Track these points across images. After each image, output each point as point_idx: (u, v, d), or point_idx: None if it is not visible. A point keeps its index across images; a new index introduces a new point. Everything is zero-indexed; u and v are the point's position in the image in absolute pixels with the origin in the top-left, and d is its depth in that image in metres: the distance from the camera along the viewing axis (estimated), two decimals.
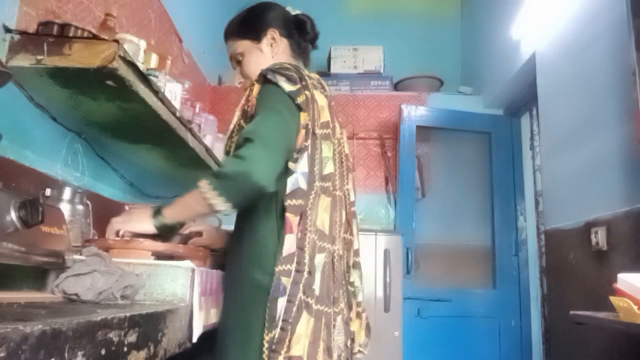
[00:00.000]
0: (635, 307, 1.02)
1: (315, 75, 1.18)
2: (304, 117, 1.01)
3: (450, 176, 3.26)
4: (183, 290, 0.97)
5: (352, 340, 1.12)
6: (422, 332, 2.75)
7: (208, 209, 0.97)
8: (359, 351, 1.14)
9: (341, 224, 1.09)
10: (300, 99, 1.01)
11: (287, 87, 1.01)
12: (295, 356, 0.87)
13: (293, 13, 1.28)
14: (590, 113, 1.79)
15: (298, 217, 0.96)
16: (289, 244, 0.94)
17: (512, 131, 3.11)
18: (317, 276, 0.95)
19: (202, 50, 3.07)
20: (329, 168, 1.05)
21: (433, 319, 2.80)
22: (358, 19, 3.83)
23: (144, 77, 1.31)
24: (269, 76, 1.03)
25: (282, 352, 0.87)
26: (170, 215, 1.04)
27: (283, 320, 0.89)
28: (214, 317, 1.11)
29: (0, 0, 1.23)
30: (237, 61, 1.28)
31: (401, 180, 2.99)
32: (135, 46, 1.49)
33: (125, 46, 1.26)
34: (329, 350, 0.94)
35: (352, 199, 1.21)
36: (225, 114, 3.35)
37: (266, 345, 0.88)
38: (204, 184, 0.96)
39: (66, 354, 0.53)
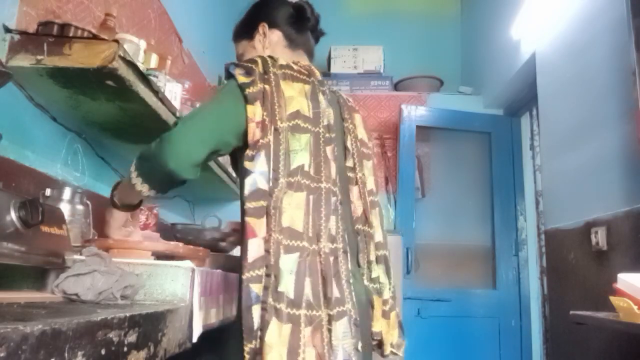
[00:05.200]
0: (635, 307, 1.02)
1: (303, 64, 1.13)
2: (251, 110, 0.97)
3: (450, 176, 3.26)
4: (183, 290, 0.97)
5: (380, 342, 1.05)
6: (422, 332, 2.75)
7: (138, 194, 1.02)
8: (392, 352, 1.07)
9: (328, 218, 0.97)
10: (250, 90, 0.98)
11: (241, 79, 1.00)
12: None
13: (293, 1, 1.24)
14: (590, 113, 1.79)
15: (262, 219, 0.92)
16: (254, 249, 0.90)
17: (512, 131, 3.11)
18: (289, 278, 0.87)
19: (202, 50, 3.06)
20: (298, 161, 0.97)
21: (433, 319, 2.80)
22: (358, 19, 3.83)
23: (144, 77, 1.31)
24: (230, 69, 1.03)
25: None
26: (120, 203, 1.10)
27: (260, 330, 0.85)
28: (214, 317, 1.11)
29: (0, 1, 1.23)
30: None
31: (401, 180, 2.99)
32: (135, 46, 1.49)
33: (125, 46, 1.26)
34: (321, 357, 0.86)
35: (369, 187, 1.14)
36: None
37: (247, 357, 0.86)
38: (133, 168, 1.01)
39: (66, 354, 0.53)
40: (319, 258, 0.93)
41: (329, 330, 0.88)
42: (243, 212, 0.95)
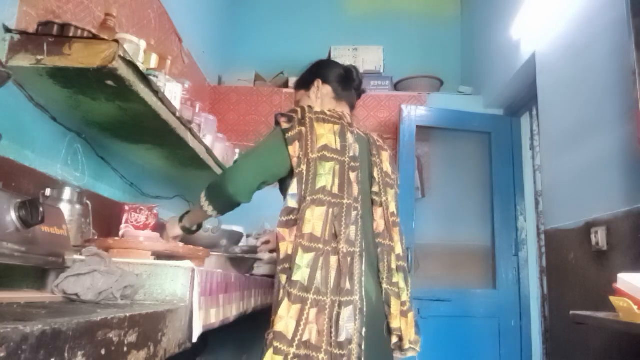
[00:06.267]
0: (635, 307, 1.02)
1: (337, 110, 1.41)
2: (292, 149, 1.26)
3: (450, 176, 3.26)
4: (183, 290, 0.97)
5: (400, 338, 1.26)
6: (422, 332, 2.74)
7: (204, 214, 1.33)
8: (411, 348, 1.28)
9: (347, 226, 1.20)
10: (289, 134, 1.27)
11: (284, 125, 1.30)
12: (277, 331, 1.07)
13: (345, 65, 1.57)
14: (590, 113, 1.79)
15: (289, 229, 1.19)
16: (284, 249, 1.18)
17: (512, 131, 3.10)
18: (305, 270, 1.13)
19: (202, 50, 3.07)
20: (322, 182, 1.22)
21: (433, 319, 2.80)
22: (358, 19, 3.82)
23: (144, 77, 1.31)
24: (277, 117, 1.33)
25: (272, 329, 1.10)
26: (187, 222, 1.40)
27: (278, 306, 1.11)
28: (214, 317, 1.11)
29: (0, 1, 1.23)
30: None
31: (401, 180, 2.97)
32: (135, 46, 1.49)
33: (125, 46, 1.26)
34: (320, 333, 1.08)
35: (391, 209, 1.38)
36: (226, 113, 3.35)
37: (271, 324, 1.11)
38: (202, 194, 1.32)
39: (66, 354, 0.53)
40: (337, 256, 1.17)
41: (338, 314, 1.10)
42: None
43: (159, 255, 1.11)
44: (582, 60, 1.87)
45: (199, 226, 1.45)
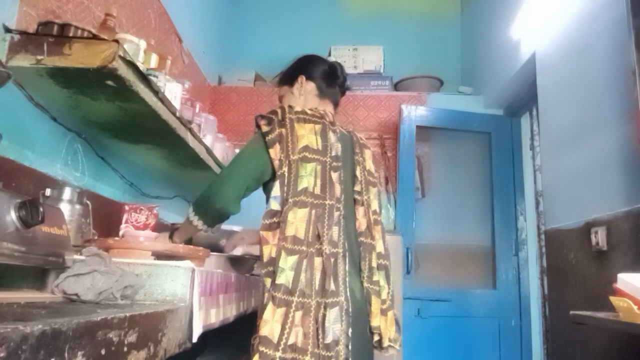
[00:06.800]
0: (635, 307, 1.02)
1: (319, 109, 1.38)
2: (273, 152, 1.24)
3: (450, 176, 3.26)
4: (183, 290, 0.97)
5: (380, 336, 1.25)
6: (422, 332, 2.75)
7: (194, 228, 1.32)
8: (390, 346, 1.27)
9: (330, 227, 1.19)
10: (270, 136, 1.25)
11: (264, 128, 1.28)
12: (262, 335, 1.07)
13: (329, 61, 1.54)
14: (590, 113, 1.79)
15: (272, 232, 1.18)
16: (267, 252, 1.17)
17: (512, 131, 3.10)
18: (289, 273, 1.12)
19: (202, 50, 3.07)
20: (303, 184, 1.21)
21: (433, 319, 2.80)
22: (358, 19, 3.82)
23: (144, 77, 1.31)
24: (256, 120, 1.31)
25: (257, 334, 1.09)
26: (177, 238, 1.37)
27: (262, 310, 1.10)
28: (213, 317, 1.12)
29: (0, 1, 1.23)
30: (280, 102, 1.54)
31: (401, 180, 2.99)
32: (135, 46, 1.49)
33: (125, 46, 1.26)
34: (305, 336, 1.08)
35: (373, 207, 1.37)
36: (226, 114, 3.35)
37: (257, 328, 1.10)
38: (190, 210, 1.31)
39: (66, 354, 0.53)
40: (321, 258, 1.15)
41: (323, 316, 1.10)
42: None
43: (159, 255, 1.11)
44: (582, 60, 1.87)
45: (189, 241, 1.42)
